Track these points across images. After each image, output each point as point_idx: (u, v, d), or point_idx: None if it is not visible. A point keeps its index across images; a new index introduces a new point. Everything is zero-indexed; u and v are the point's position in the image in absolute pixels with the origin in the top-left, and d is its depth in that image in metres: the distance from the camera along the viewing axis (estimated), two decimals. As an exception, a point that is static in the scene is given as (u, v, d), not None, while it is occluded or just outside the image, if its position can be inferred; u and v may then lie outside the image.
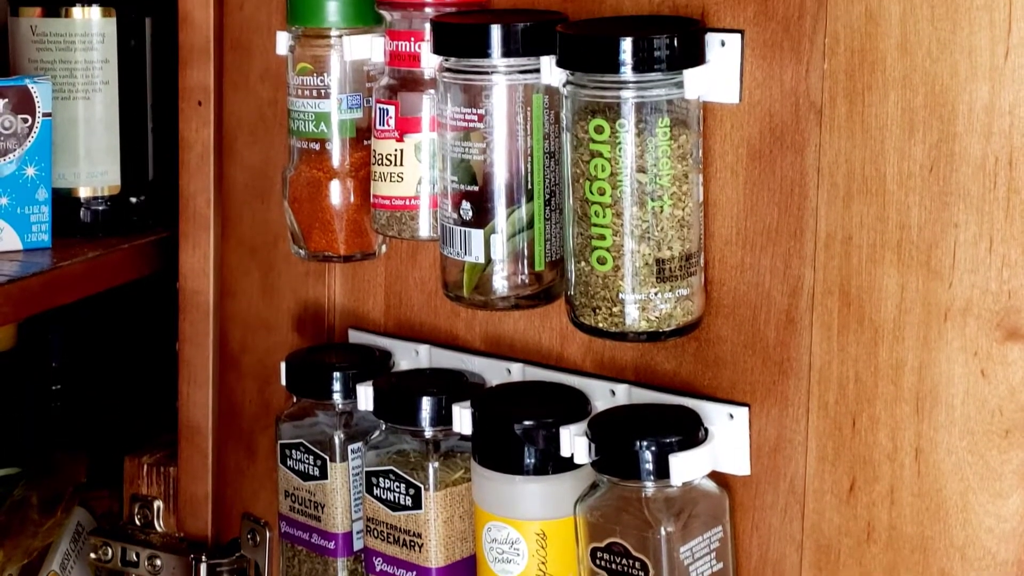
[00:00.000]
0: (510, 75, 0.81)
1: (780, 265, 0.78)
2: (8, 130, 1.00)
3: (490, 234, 0.82)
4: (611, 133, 0.76)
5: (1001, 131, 0.71)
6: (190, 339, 1.02)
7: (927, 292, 0.74)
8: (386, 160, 0.87)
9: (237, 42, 0.99)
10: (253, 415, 1.01)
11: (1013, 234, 0.71)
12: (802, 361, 0.78)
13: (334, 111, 0.90)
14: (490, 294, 0.83)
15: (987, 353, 0.72)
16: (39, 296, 0.98)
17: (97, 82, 1.05)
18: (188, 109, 1.00)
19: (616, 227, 0.76)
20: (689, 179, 0.77)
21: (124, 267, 1.04)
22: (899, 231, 0.74)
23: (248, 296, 1.01)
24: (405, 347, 0.94)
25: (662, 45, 0.75)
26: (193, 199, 1.01)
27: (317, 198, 0.91)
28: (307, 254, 0.92)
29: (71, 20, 1.04)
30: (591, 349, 0.86)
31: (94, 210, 1.06)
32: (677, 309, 0.78)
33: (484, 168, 0.82)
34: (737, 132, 0.79)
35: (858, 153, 0.75)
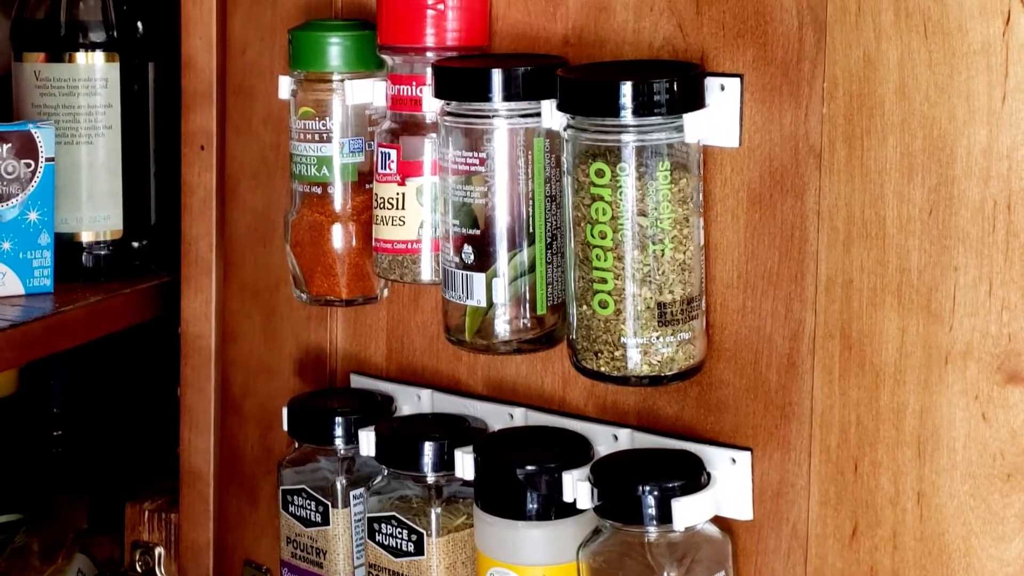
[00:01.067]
0: (511, 119, 0.82)
1: (781, 309, 0.80)
2: (11, 175, 1.02)
3: (492, 278, 0.83)
4: (612, 177, 0.77)
5: (999, 175, 0.72)
6: (192, 384, 1.04)
7: (928, 335, 0.75)
8: (388, 204, 0.88)
9: (239, 86, 1.01)
10: (255, 460, 1.03)
11: (1013, 277, 0.73)
12: (804, 405, 0.79)
13: (336, 155, 0.91)
14: (492, 338, 0.84)
15: (988, 396, 0.74)
16: (41, 341, 0.99)
17: (100, 127, 1.07)
18: (190, 153, 1.02)
19: (617, 271, 0.78)
20: (690, 223, 0.79)
21: (126, 312, 1.06)
22: (899, 275, 0.76)
23: (250, 340, 1.02)
24: (407, 392, 0.95)
25: (662, 89, 0.77)
26: (195, 243, 1.03)
27: (319, 242, 0.92)
28: (309, 298, 0.94)
29: (75, 65, 1.06)
30: (593, 393, 0.88)
31: (96, 255, 1.08)
32: (679, 353, 0.79)
33: (486, 212, 0.83)
34: (737, 176, 0.81)
35: (858, 197, 0.77)
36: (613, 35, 0.84)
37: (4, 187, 1.02)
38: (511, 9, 0.88)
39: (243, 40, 1.00)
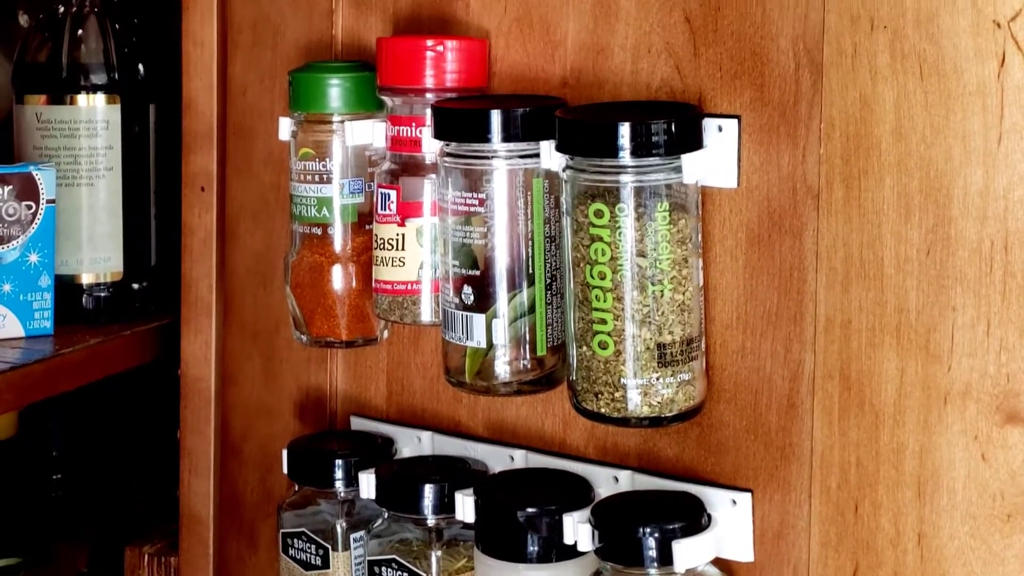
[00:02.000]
0: (510, 160, 0.84)
1: (781, 349, 0.81)
2: (12, 217, 1.03)
3: (492, 319, 0.85)
4: (611, 217, 0.79)
5: (996, 215, 0.74)
6: (191, 427, 1.05)
7: (926, 376, 0.76)
8: (388, 244, 0.90)
9: (240, 128, 1.03)
10: (254, 504, 1.04)
11: (1010, 317, 0.74)
12: (804, 446, 0.81)
13: (336, 196, 0.93)
14: (492, 379, 0.85)
15: (987, 437, 0.75)
16: (41, 383, 1.00)
17: (101, 168, 1.08)
18: (191, 194, 1.04)
19: (617, 311, 0.79)
20: (689, 263, 0.80)
21: (126, 354, 1.07)
22: (897, 315, 0.77)
23: (250, 383, 1.04)
24: (407, 434, 0.96)
25: (660, 130, 0.78)
26: (195, 285, 1.04)
27: (319, 283, 0.94)
28: (309, 340, 0.95)
29: (76, 107, 1.08)
30: (594, 435, 0.89)
31: (96, 296, 1.09)
32: (679, 394, 0.80)
33: (485, 252, 0.84)
34: (736, 216, 0.82)
35: (855, 237, 0.78)
36: (611, 76, 0.86)
37: (5, 229, 1.03)
38: (510, 51, 0.90)
39: (243, 82, 1.02)
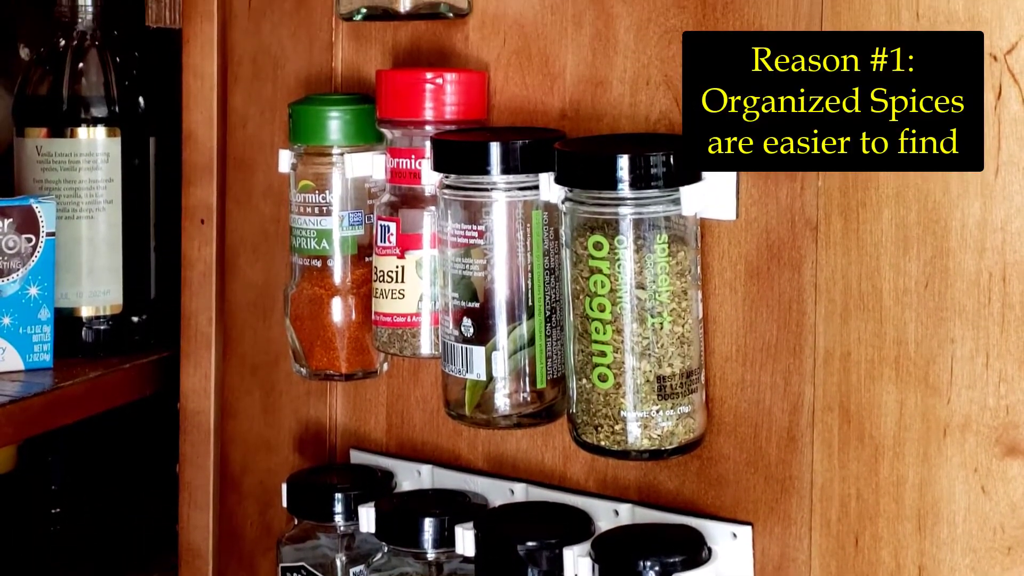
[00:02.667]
0: (509, 192, 0.85)
1: (780, 382, 0.82)
2: (12, 250, 1.04)
3: (491, 351, 0.85)
4: (610, 249, 0.80)
5: (994, 247, 0.75)
6: (191, 460, 1.06)
7: (926, 408, 0.77)
8: (387, 277, 0.91)
9: (240, 160, 1.04)
10: (254, 538, 1.04)
11: (1009, 349, 0.75)
12: (804, 479, 0.82)
13: (336, 228, 0.94)
14: (492, 412, 0.86)
15: (987, 469, 0.76)
16: (40, 417, 1.01)
17: (101, 201, 1.09)
18: (191, 227, 1.05)
19: (617, 344, 0.80)
20: (688, 295, 0.81)
21: (125, 387, 1.08)
22: (896, 347, 0.78)
23: (249, 416, 1.04)
24: (407, 467, 0.97)
25: (659, 162, 0.79)
26: (195, 318, 1.05)
27: (319, 316, 0.94)
28: (309, 373, 0.96)
29: (76, 140, 1.09)
30: (594, 468, 0.90)
31: (96, 329, 1.10)
32: (679, 427, 0.81)
33: (485, 284, 0.85)
34: (735, 249, 0.83)
35: (854, 269, 0.79)
36: (610, 109, 0.87)
37: (5, 262, 1.04)
38: (509, 83, 0.92)
39: (244, 114, 1.03)
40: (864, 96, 0.74)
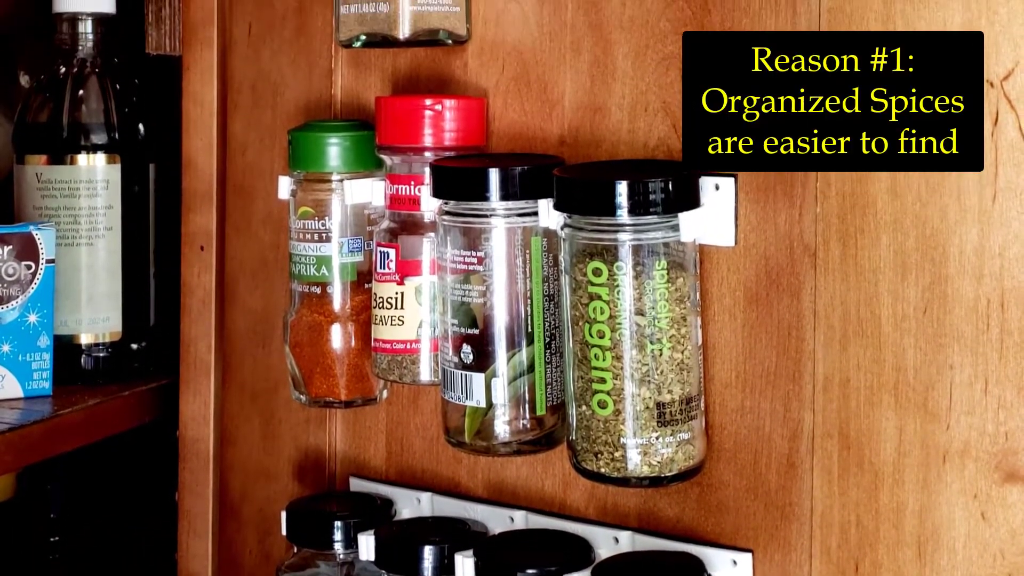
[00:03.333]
0: (509, 218, 0.86)
1: (780, 408, 0.83)
2: (11, 277, 1.05)
3: (491, 378, 0.86)
4: (609, 276, 0.80)
5: (992, 273, 0.76)
6: (190, 488, 1.06)
7: (925, 434, 0.78)
8: (387, 303, 0.91)
9: (240, 187, 1.05)
10: (253, 566, 1.05)
11: (1008, 375, 0.76)
12: (804, 505, 0.82)
13: (335, 254, 0.95)
14: (492, 439, 0.87)
15: (987, 495, 0.76)
16: (39, 444, 1.02)
17: (101, 228, 1.10)
18: (190, 254, 1.06)
19: (616, 370, 0.81)
20: (687, 322, 0.82)
21: (124, 415, 1.08)
22: (895, 373, 0.79)
23: (249, 444, 1.05)
24: (407, 495, 0.98)
25: (657, 188, 0.80)
26: (194, 345, 1.06)
27: (318, 342, 0.95)
28: (308, 400, 0.97)
29: (76, 167, 1.10)
30: (594, 495, 0.90)
31: (95, 357, 1.11)
32: (679, 453, 0.82)
33: (484, 311, 0.86)
34: (734, 275, 0.84)
35: (853, 295, 0.80)
36: (609, 135, 0.88)
37: (4, 289, 1.05)
38: (508, 109, 0.93)
39: (243, 141, 1.04)
40: (864, 96, 0.75)
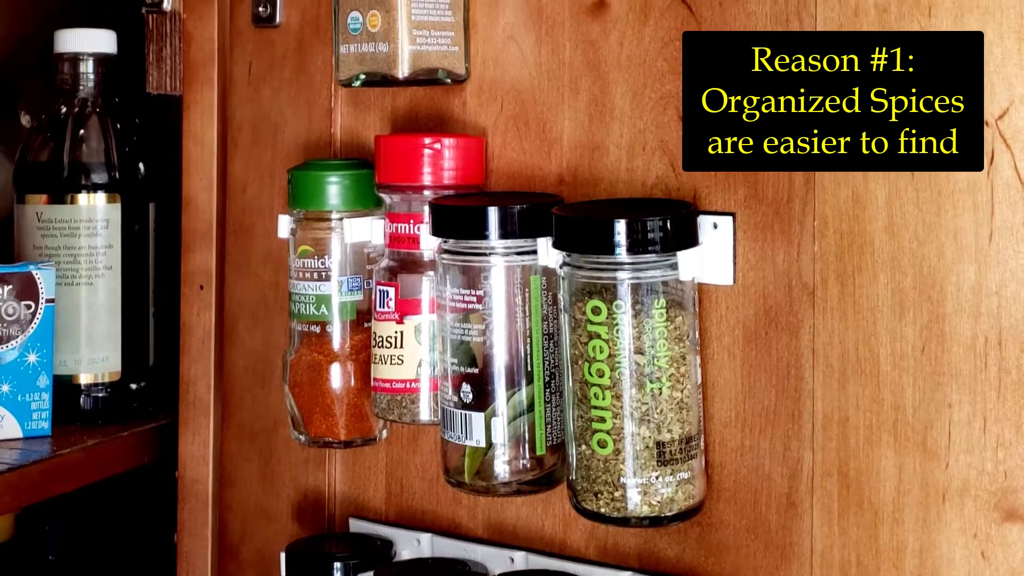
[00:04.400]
0: (508, 256, 0.87)
1: (779, 447, 0.84)
2: (11, 316, 1.06)
3: (491, 417, 0.87)
4: (608, 314, 0.82)
5: (989, 311, 0.77)
6: (189, 529, 1.07)
7: (924, 473, 0.79)
8: (386, 342, 0.93)
9: (239, 225, 1.06)
10: (253, 607, 1.06)
11: (1006, 414, 0.77)
12: (804, 545, 0.83)
13: (335, 293, 0.96)
14: (492, 479, 0.88)
15: (987, 534, 0.77)
16: (38, 485, 1.02)
17: (100, 267, 1.11)
18: (190, 293, 1.07)
19: (616, 409, 0.82)
20: (687, 360, 0.83)
21: (123, 455, 1.09)
22: (894, 411, 0.80)
23: (248, 484, 1.06)
24: (407, 536, 0.98)
25: (656, 227, 0.81)
26: (193, 385, 1.07)
27: (318, 382, 0.96)
28: (307, 439, 0.98)
29: (76, 207, 1.11)
30: (594, 536, 0.91)
31: (94, 397, 1.12)
32: (679, 493, 0.83)
33: (484, 350, 0.87)
34: (732, 314, 0.86)
35: (851, 334, 0.81)
36: (607, 174, 0.90)
37: (4, 329, 1.06)
38: (506, 148, 0.94)
39: (243, 180, 1.06)
40: (864, 96, 0.76)
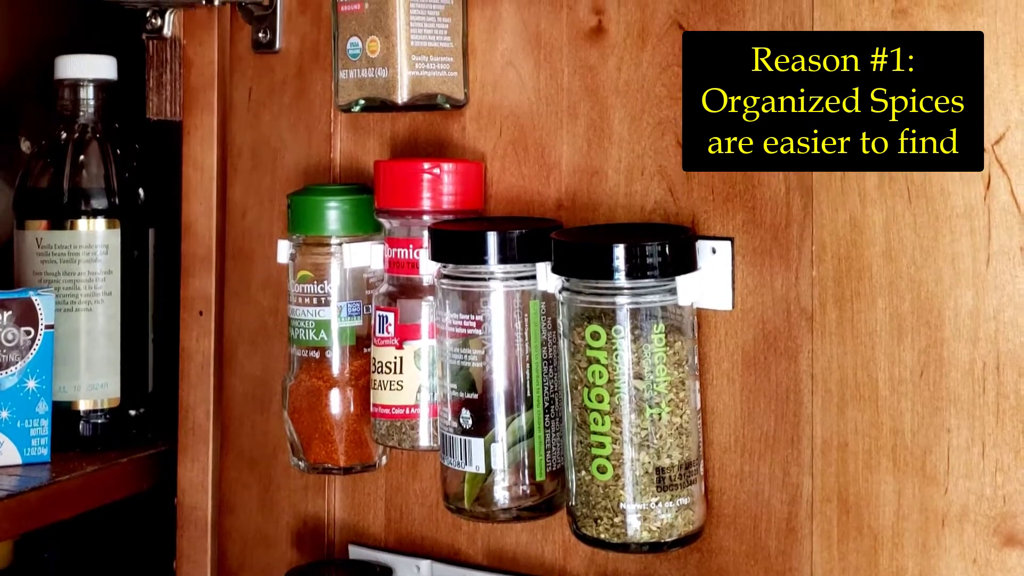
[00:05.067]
0: (507, 281, 0.88)
1: (779, 473, 0.85)
2: (11, 343, 1.07)
3: (490, 443, 0.88)
4: (607, 339, 0.82)
5: (987, 336, 0.78)
6: (187, 556, 1.08)
7: (924, 498, 0.80)
8: (386, 368, 0.93)
9: (239, 251, 1.07)
10: (252, 634, 1.07)
11: (1004, 438, 0.78)
12: (804, 571, 0.84)
13: (334, 319, 0.96)
14: (491, 505, 0.89)
15: (986, 560, 0.78)
16: (37, 512, 1.03)
17: (100, 293, 1.12)
18: (189, 319, 1.08)
19: (615, 435, 0.83)
20: (686, 385, 0.84)
21: (122, 482, 1.10)
22: (893, 436, 0.81)
23: (247, 511, 1.07)
24: (406, 563, 0.99)
25: (655, 252, 0.82)
26: (192, 411, 1.08)
27: (317, 408, 0.97)
28: (307, 466, 0.98)
29: (76, 232, 1.12)
30: (594, 562, 0.92)
31: (94, 423, 1.12)
32: (678, 519, 0.83)
33: (483, 375, 0.88)
34: (731, 339, 0.86)
35: (850, 359, 0.82)
36: (606, 199, 0.91)
37: (3, 355, 1.06)
38: (505, 173, 0.95)
39: (243, 205, 1.07)
40: (864, 96, 0.76)
